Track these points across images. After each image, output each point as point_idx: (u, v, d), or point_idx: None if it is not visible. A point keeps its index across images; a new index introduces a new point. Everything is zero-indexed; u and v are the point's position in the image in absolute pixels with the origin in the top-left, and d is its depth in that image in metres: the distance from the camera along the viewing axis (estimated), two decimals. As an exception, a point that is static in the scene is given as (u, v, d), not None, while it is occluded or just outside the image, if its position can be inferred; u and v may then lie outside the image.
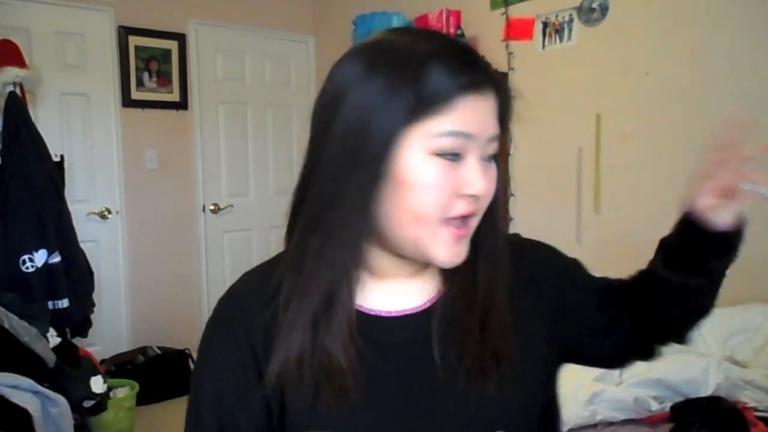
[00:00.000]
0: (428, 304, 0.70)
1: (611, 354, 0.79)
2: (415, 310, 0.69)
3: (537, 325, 0.71)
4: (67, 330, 2.65)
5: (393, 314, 0.69)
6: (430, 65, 0.59)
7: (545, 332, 0.72)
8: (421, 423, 0.66)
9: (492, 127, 0.62)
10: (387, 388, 0.66)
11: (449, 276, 0.69)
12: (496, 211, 0.68)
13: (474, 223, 0.64)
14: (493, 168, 0.64)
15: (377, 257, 0.68)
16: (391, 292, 0.70)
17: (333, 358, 0.63)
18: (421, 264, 0.69)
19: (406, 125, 0.59)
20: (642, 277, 0.75)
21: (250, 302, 0.70)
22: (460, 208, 0.61)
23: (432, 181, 0.60)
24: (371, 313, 0.69)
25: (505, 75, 2.96)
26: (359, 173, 0.60)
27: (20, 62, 2.66)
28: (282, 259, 0.70)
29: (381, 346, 0.67)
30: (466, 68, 0.60)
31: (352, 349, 0.64)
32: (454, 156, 0.60)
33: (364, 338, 0.65)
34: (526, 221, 2.94)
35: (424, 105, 0.59)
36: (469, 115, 0.60)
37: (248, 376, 0.68)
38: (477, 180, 0.61)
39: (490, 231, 0.68)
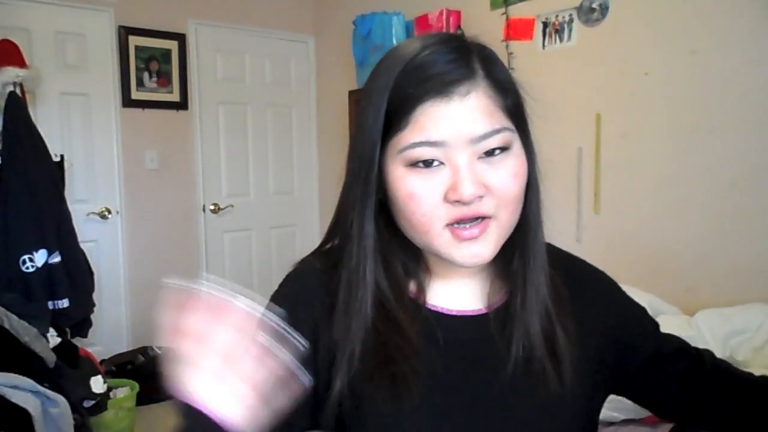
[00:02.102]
0: (488, 309, 0.71)
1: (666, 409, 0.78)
2: (476, 312, 0.71)
3: (584, 349, 0.70)
4: (67, 330, 2.65)
5: (454, 313, 0.70)
6: (395, 79, 0.61)
7: (592, 360, 0.72)
8: (473, 422, 0.66)
9: (475, 126, 0.60)
10: (443, 383, 0.67)
11: (507, 276, 0.70)
12: (531, 205, 0.67)
13: (491, 223, 0.62)
14: (502, 163, 0.62)
15: (430, 258, 0.70)
16: (454, 291, 0.71)
17: (391, 346, 0.64)
18: (476, 268, 0.70)
19: (383, 143, 0.62)
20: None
21: (314, 287, 0.71)
22: (453, 213, 0.61)
23: (411, 192, 0.61)
24: (433, 308, 0.70)
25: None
26: (356, 188, 0.65)
27: (20, 62, 2.66)
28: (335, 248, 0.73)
29: (439, 343, 0.67)
30: (427, 75, 0.60)
31: (413, 339, 0.65)
32: (429, 164, 0.60)
33: (424, 333, 0.67)
34: (526, 221, 2.93)
35: (391, 121, 0.61)
36: (432, 123, 0.59)
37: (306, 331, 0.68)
38: (459, 185, 0.59)
39: (525, 226, 0.68)
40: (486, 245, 0.62)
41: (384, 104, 0.61)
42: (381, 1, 3.43)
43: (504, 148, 0.62)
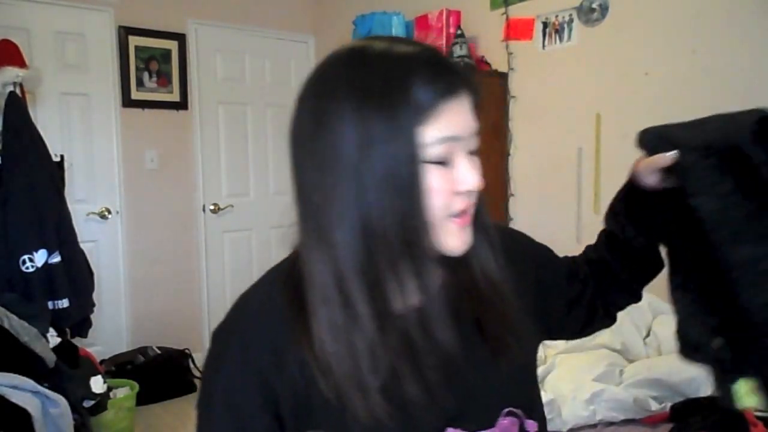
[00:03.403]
0: (438, 297, 0.70)
1: (580, 323, 0.88)
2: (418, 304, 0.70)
3: (524, 302, 0.75)
4: (67, 330, 2.65)
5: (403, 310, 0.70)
6: (412, 79, 0.61)
7: (531, 309, 0.76)
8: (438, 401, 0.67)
9: (473, 124, 0.65)
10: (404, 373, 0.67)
11: (450, 264, 0.71)
12: (483, 198, 0.71)
13: (472, 211, 0.68)
14: (477, 160, 0.67)
15: None
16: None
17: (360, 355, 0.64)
18: None
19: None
20: (598, 244, 0.88)
21: (265, 315, 0.70)
22: (460, 204, 0.65)
23: (430, 186, 0.62)
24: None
25: (504, 75, 2.97)
26: (399, 202, 0.61)
27: (20, 62, 2.66)
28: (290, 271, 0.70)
29: (398, 336, 0.67)
30: (443, 73, 0.63)
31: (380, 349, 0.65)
32: (446, 159, 0.63)
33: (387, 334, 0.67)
34: (526, 221, 2.94)
35: (414, 119, 0.61)
36: (452, 118, 0.62)
37: (255, 392, 0.68)
38: (469, 177, 0.64)
39: (483, 215, 0.72)
40: (470, 232, 0.68)
41: (408, 98, 0.60)
42: (381, 1, 3.43)
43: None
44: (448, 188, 0.63)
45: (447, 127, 0.62)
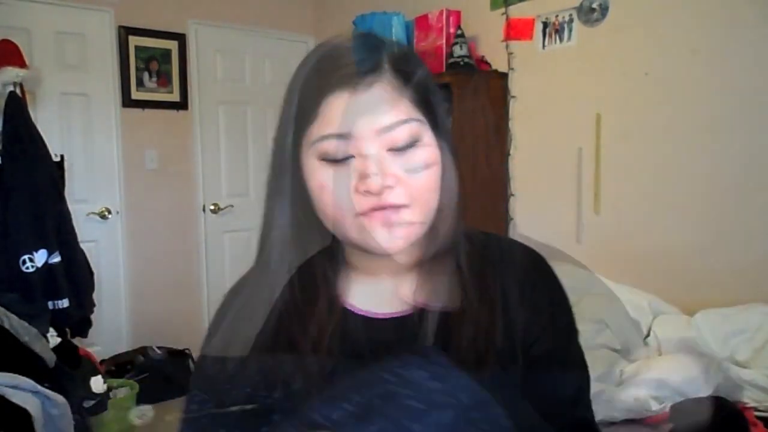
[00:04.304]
0: (413, 310, 0.69)
1: None
2: (402, 314, 0.69)
3: (509, 339, 0.67)
4: (67, 330, 2.65)
5: (380, 316, 0.69)
6: (303, 75, 0.64)
7: (517, 347, 0.68)
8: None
9: (381, 117, 0.61)
10: None
11: (434, 275, 0.68)
12: (443, 197, 0.66)
13: (405, 212, 0.62)
14: (412, 154, 0.62)
15: (352, 254, 0.70)
16: (380, 291, 0.70)
17: (303, 345, 0.64)
18: (399, 262, 0.69)
19: (295, 137, 0.64)
20: None
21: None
22: (363, 204, 0.61)
23: (322, 183, 0.62)
24: (358, 312, 0.69)
25: (504, 75, 2.97)
26: (272, 175, 0.68)
27: (20, 62, 2.66)
28: None
29: (360, 345, 0.67)
30: (326, 72, 0.62)
31: (324, 340, 0.65)
32: (339, 157, 0.61)
33: (346, 335, 0.67)
34: (526, 221, 2.94)
35: (301, 115, 0.63)
36: (338, 115, 0.60)
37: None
38: (368, 176, 0.60)
39: (447, 222, 0.66)
40: (399, 233, 0.62)
41: (296, 98, 0.64)
42: (381, 1, 3.43)
43: (414, 140, 0.62)
44: (347, 187, 0.61)
45: (330, 125, 0.61)
